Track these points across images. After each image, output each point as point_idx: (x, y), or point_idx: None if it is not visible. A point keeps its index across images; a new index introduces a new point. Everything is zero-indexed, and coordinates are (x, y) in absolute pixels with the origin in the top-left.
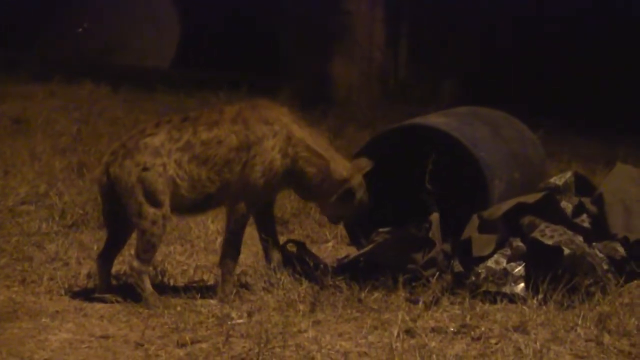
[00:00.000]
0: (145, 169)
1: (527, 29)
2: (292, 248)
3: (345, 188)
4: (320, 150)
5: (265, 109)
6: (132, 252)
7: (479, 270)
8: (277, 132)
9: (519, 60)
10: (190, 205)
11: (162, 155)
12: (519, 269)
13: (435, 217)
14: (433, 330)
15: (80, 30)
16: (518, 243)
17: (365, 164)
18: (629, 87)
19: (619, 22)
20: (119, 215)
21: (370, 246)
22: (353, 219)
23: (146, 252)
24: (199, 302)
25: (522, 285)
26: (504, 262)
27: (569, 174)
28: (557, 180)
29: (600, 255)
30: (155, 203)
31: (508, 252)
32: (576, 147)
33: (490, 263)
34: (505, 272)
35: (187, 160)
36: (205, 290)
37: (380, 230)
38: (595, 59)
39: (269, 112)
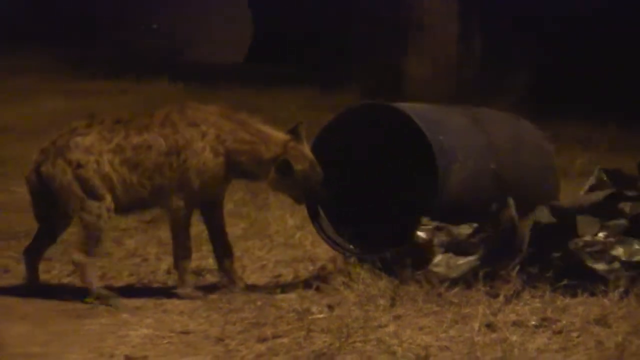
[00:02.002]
0: (79, 165)
1: (600, 23)
2: None
3: (279, 161)
4: (248, 136)
5: (193, 111)
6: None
7: (577, 242)
8: (205, 133)
9: (590, 54)
10: (125, 208)
11: (94, 154)
12: (618, 250)
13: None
14: (514, 324)
15: (155, 26)
16: (618, 222)
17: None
18: None
19: None
20: (51, 212)
21: (466, 267)
22: (310, 194)
23: (91, 245)
24: (279, 296)
25: (616, 264)
26: (601, 238)
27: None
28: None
29: None
30: (97, 197)
31: (605, 232)
32: None
33: (588, 237)
34: (603, 249)
35: (118, 163)
36: (285, 285)
37: (464, 230)
38: None
39: (196, 114)
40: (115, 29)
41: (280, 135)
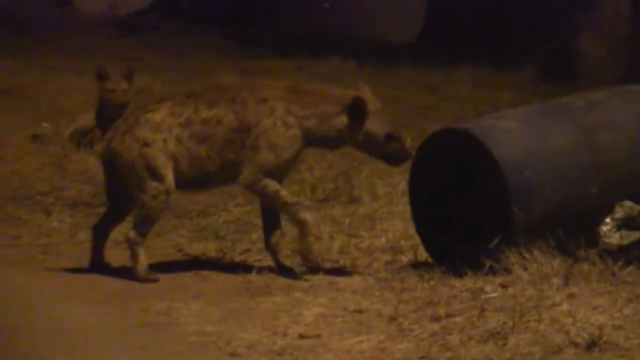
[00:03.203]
0: (145, 144)
1: None
2: None
3: (351, 100)
4: (313, 99)
5: (262, 88)
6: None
7: None
8: (273, 108)
9: None
10: (190, 181)
11: (163, 130)
12: None
13: None
14: None
15: (326, 5)
16: None
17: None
18: None
19: None
20: (120, 191)
21: (638, 234)
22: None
23: (144, 225)
24: (452, 275)
25: None
26: None
27: None
28: None
29: None
30: (157, 177)
31: None
32: None
33: None
34: None
35: (187, 136)
36: (458, 264)
37: (634, 206)
38: None
39: (265, 91)
40: (289, 8)
41: (345, 91)
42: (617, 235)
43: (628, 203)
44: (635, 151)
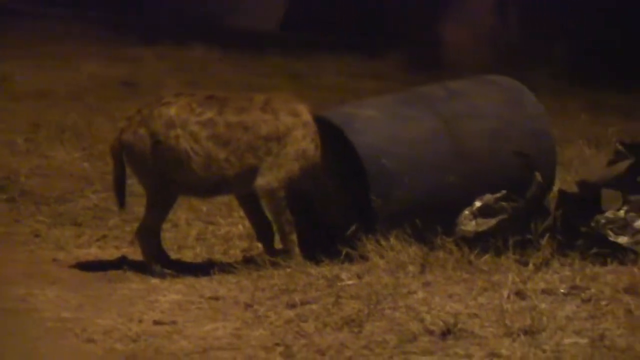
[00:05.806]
0: (157, 141)
1: None
2: None
3: None
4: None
5: (292, 103)
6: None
7: (599, 219)
8: (305, 123)
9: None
10: (202, 184)
11: (176, 126)
12: (638, 222)
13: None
14: (543, 291)
15: None
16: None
17: None
18: None
19: None
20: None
21: (494, 221)
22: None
23: (154, 217)
24: (309, 263)
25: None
26: (622, 214)
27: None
28: None
29: None
30: (166, 175)
31: (626, 207)
32: None
33: (609, 214)
34: (625, 224)
35: (205, 136)
36: (315, 252)
37: (490, 196)
38: None
39: (295, 106)
40: None
41: None
42: (473, 222)
43: (488, 196)
44: (496, 140)
